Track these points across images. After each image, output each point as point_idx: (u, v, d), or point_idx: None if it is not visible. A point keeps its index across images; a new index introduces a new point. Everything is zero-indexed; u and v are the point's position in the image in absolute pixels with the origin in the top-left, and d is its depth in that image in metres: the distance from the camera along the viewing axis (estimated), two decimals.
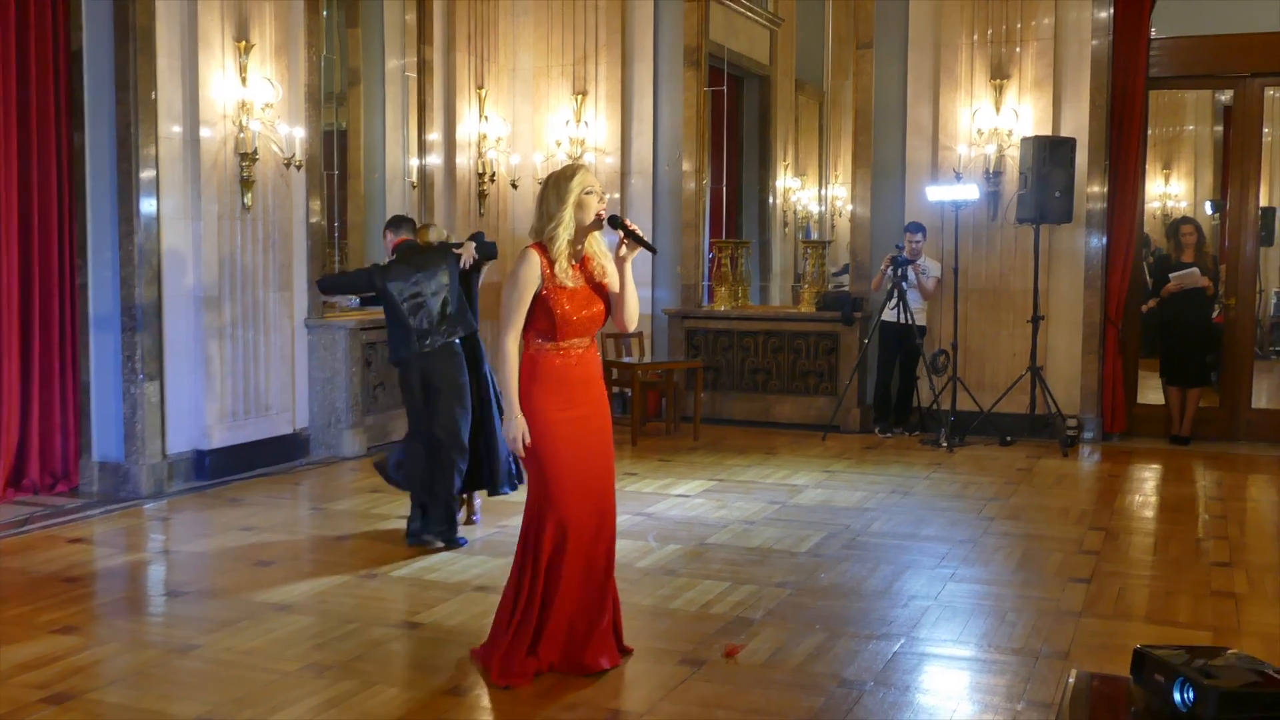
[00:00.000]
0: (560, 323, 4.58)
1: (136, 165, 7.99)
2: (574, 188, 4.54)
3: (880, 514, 7.67)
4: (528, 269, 4.57)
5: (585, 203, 4.55)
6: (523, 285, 4.57)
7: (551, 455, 4.61)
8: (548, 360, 4.66)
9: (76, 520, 7.44)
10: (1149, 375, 10.84)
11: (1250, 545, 7.06)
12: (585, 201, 4.55)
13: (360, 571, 6.31)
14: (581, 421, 4.69)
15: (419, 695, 4.61)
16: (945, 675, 4.93)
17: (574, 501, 4.64)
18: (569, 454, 4.64)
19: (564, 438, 4.63)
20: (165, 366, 8.24)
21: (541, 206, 4.61)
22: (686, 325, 11.63)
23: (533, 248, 4.62)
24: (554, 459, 4.61)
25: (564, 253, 4.58)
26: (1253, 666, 2.49)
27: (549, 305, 4.57)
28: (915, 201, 10.81)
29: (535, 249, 4.61)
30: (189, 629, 5.39)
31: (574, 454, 4.65)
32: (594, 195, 4.57)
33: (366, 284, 7.09)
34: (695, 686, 4.68)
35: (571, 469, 4.64)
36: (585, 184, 4.56)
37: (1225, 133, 11.41)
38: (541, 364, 4.66)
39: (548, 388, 4.63)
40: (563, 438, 4.63)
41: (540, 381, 4.64)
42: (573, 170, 4.61)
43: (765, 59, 12.86)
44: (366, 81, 10.91)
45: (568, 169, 4.65)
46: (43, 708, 4.45)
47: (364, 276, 7.23)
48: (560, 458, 4.61)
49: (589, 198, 4.55)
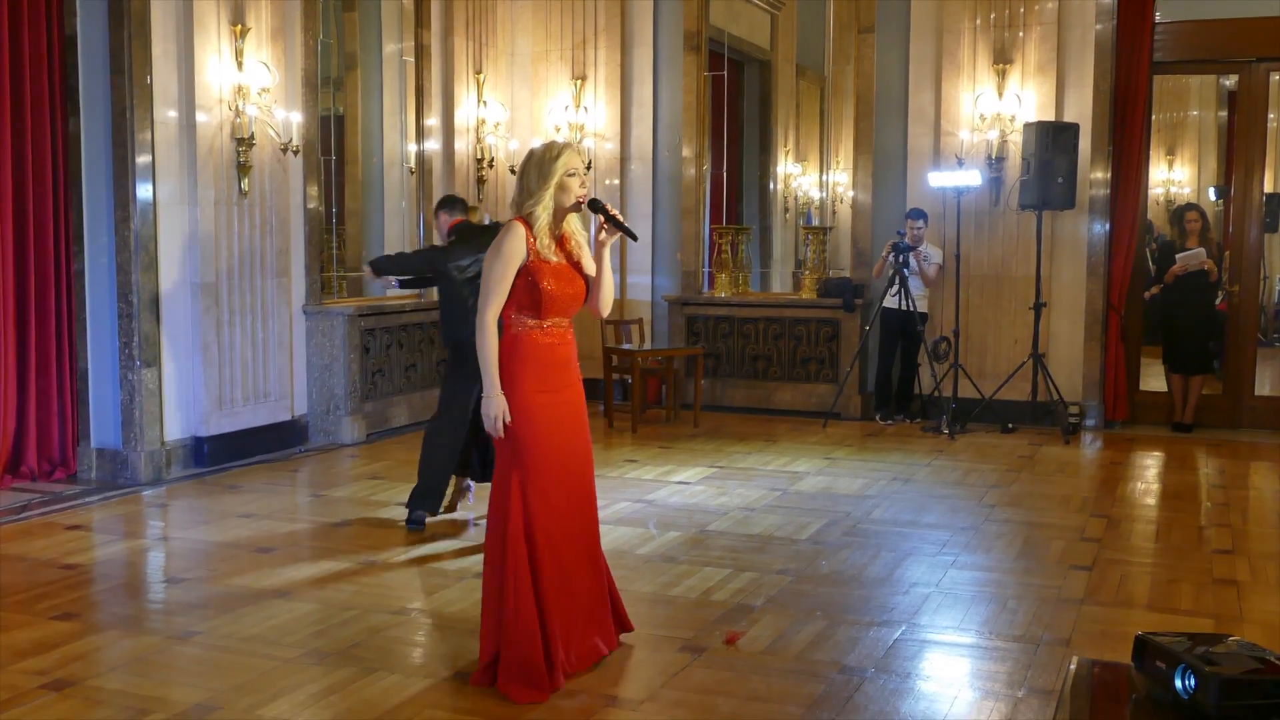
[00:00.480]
0: (546, 299, 4.49)
1: (132, 151, 7.95)
2: (557, 169, 4.47)
3: (881, 501, 7.65)
4: (513, 241, 4.47)
5: (567, 185, 4.49)
6: (508, 258, 4.46)
7: (533, 438, 4.50)
8: (531, 339, 4.56)
9: (75, 507, 7.43)
10: (1151, 362, 10.82)
11: (1252, 533, 7.04)
12: (567, 184, 4.49)
13: (359, 558, 6.29)
14: (563, 405, 4.62)
15: (419, 681, 4.59)
16: (946, 662, 4.91)
17: (556, 486, 4.55)
18: (552, 437, 4.55)
19: (547, 420, 4.54)
20: (163, 353, 8.22)
21: (523, 181, 4.54)
22: (687, 312, 11.59)
23: (517, 221, 4.54)
24: (535, 442, 4.50)
25: (545, 230, 4.53)
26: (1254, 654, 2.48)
27: (535, 279, 4.47)
28: (917, 187, 10.77)
29: (520, 222, 4.53)
30: (188, 616, 5.37)
31: (557, 437, 4.57)
32: (576, 178, 4.51)
33: (428, 264, 7.10)
34: (695, 673, 4.67)
35: (555, 452, 4.55)
36: (569, 165, 4.50)
37: (1230, 118, 11.37)
38: (525, 342, 4.56)
39: (531, 368, 4.53)
40: (546, 420, 4.53)
41: (524, 361, 4.53)
42: (558, 150, 4.53)
43: (766, 44, 12.80)
44: (364, 66, 10.87)
45: (552, 147, 4.56)
46: (42, 694, 4.44)
47: (424, 257, 7.29)
48: (542, 441, 4.51)
49: (571, 180, 4.49)
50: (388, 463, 8.84)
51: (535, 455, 4.50)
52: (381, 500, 7.62)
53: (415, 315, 10.37)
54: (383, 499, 7.65)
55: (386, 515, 7.23)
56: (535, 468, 4.50)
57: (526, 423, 4.50)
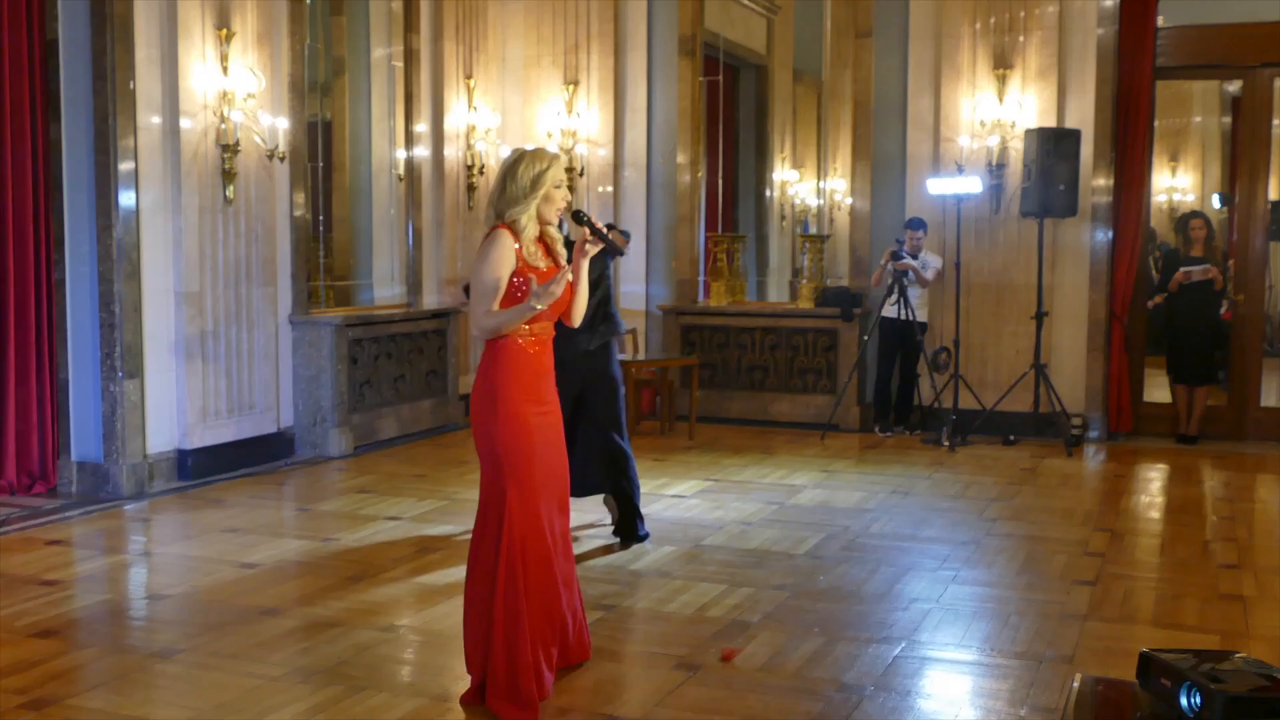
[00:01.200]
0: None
1: (115, 157, 7.87)
2: (547, 180, 4.44)
3: (880, 515, 7.60)
4: (502, 250, 4.41)
5: (553, 196, 4.48)
6: (499, 266, 4.40)
7: (528, 451, 4.46)
8: (518, 349, 4.48)
9: (55, 522, 7.37)
10: (1155, 373, 10.75)
11: (1259, 547, 6.99)
12: (553, 195, 4.48)
13: (346, 574, 6.24)
14: (549, 423, 4.61)
15: (407, 700, 4.57)
16: (947, 680, 4.88)
17: (545, 503, 4.53)
18: (544, 452, 4.54)
19: (539, 434, 4.52)
20: (145, 364, 8.13)
21: (507, 188, 4.46)
22: (682, 322, 11.52)
23: (503, 228, 4.46)
24: (530, 456, 4.46)
25: (530, 238, 4.50)
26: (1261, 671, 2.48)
27: (525, 286, 4.41)
28: (916, 194, 10.70)
29: (505, 229, 4.45)
30: (171, 633, 5.35)
31: (547, 453, 4.56)
32: (561, 189, 4.51)
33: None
34: (691, 691, 4.64)
35: (544, 467, 4.53)
36: (557, 178, 4.49)
37: (1234, 124, 11.30)
38: (513, 354, 4.47)
39: (523, 381, 4.48)
40: (538, 434, 4.51)
41: (516, 374, 4.47)
42: (546, 160, 4.49)
43: (762, 48, 12.76)
44: (352, 71, 10.79)
45: (540, 155, 4.50)
46: (22, 713, 4.42)
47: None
48: (536, 456, 4.49)
49: (557, 191, 4.49)
50: (375, 476, 8.77)
51: (529, 468, 4.46)
52: (369, 514, 7.55)
53: (404, 325, 10.28)
54: (371, 513, 7.58)
55: (374, 530, 7.16)
56: (529, 482, 4.46)
57: (520, 434, 4.45)
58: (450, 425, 10.76)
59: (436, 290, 11.00)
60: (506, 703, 4.35)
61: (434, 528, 7.15)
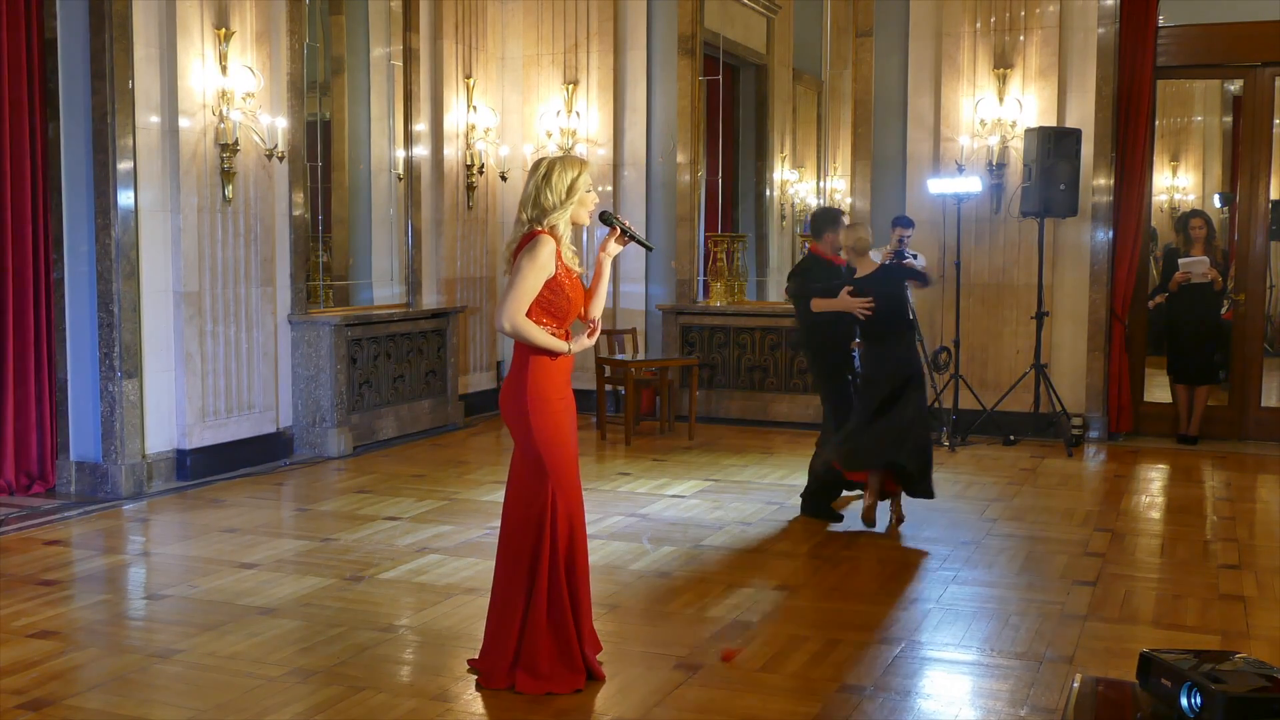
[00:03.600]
0: (570, 307, 4.68)
1: (113, 157, 7.85)
2: (580, 186, 4.63)
3: (880, 515, 7.51)
4: (548, 253, 4.57)
5: (586, 200, 4.68)
6: (542, 269, 4.57)
7: (564, 446, 4.67)
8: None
9: (54, 522, 7.36)
10: (1156, 373, 10.72)
11: (1259, 547, 6.97)
12: (586, 199, 4.68)
13: (346, 574, 6.22)
14: (571, 410, 4.79)
15: (407, 700, 4.57)
16: (947, 680, 4.87)
17: (575, 493, 4.73)
18: (571, 446, 4.74)
19: (569, 429, 4.73)
20: (144, 364, 8.12)
21: (543, 195, 4.62)
22: (681, 321, 11.50)
23: (547, 234, 4.62)
24: (565, 451, 4.68)
25: (566, 243, 4.70)
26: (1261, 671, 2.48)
27: (562, 289, 4.61)
28: (916, 194, 10.67)
29: (547, 235, 4.62)
30: (170, 633, 5.33)
31: (573, 447, 4.77)
32: (592, 193, 4.73)
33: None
34: (691, 692, 4.64)
35: (572, 460, 4.74)
36: (588, 183, 4.70)
37: (1235, 124, 11.27)
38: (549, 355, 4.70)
39: (554, 378, 4.69)
40: (568, 429, 4.73)
41: (549, 372, 4.67)
42: (577, 166, 4.69)
43: (762, 47, 12.74)
44: (351, 70, 10.77)
45: (571, 162, 4.70)
46: (20, 714, 4.42)
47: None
48: (569, 451, 4.71)
49: (589, 195, 4.69)
50: (374, 476, 8.74)
51: (566, 464, 4.69)
52: (368, 514, 7.53)
53: (403, 325, 10.26)
54: (370, 513, 7.56)
55: (373, 530, 7.13)
56: (567, 477, 4.68)
57: (556, 430, 4.66)
58: (449, 425, 10.74)
59: (436, 290, 10.99)
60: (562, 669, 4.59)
61: (433, 528, 7.12)
